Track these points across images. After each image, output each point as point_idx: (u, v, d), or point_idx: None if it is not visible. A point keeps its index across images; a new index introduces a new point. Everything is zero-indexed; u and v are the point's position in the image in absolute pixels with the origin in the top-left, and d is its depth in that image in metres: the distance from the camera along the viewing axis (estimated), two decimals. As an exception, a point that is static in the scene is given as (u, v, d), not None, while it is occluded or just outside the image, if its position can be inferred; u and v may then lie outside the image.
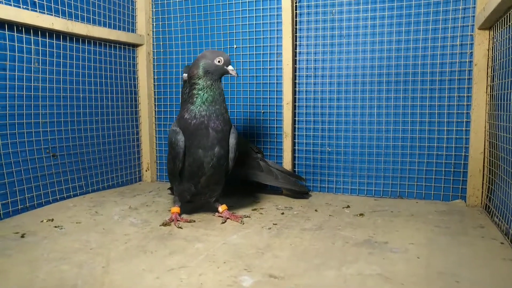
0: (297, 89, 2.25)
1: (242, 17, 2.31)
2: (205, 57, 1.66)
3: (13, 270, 1.24)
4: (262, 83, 2.31)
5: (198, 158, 1.64)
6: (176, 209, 1.76)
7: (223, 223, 1.72)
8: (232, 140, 1.71)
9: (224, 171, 1.75)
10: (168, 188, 2.30)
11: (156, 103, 2.57)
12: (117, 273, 1.23)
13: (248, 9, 2.29)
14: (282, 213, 1.84)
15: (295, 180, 2.12)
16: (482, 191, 1.90)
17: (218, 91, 1.66)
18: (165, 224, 1.68)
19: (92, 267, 1.26)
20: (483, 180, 1.89)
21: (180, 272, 1.23)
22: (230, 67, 1.68)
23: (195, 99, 1.64)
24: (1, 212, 1.72)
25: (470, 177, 1.93)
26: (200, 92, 1.64)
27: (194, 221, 1.73)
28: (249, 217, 1.79)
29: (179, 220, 1.71)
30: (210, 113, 1.63)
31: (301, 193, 2.11)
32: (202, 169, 1.66)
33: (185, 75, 2.15)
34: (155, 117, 2.58)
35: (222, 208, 1.80)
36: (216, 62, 1.65)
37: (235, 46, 2.34)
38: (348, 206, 1.95)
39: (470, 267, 1.25)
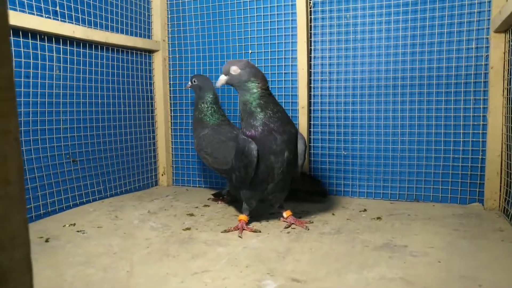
0: (312, 93, 2.26)
1: (257, 22, 2.33)
2: (251, 65, 1.66)
3: (41, 274, 1.27)
4: (277, 87, 2.33)
5: (268, 164, 1.60)
6: (244, 217, 1.72)
7: (286, 227, 1.71)
8: (300, 146, 1.68)
9: (291, 178, 1.72)
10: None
11: (172, 108, 2.61)
12: (141, 276, 1.25)
13: (263, 14, 2.31)
14: (300, 217, 1.85)
15: (312, 182, 2.14)
16: (500, 194, 1.89)
17: (255, 100, 1.59)
18: (227, 231, 1.65)
19: (117, 271, 1.29)
20: (500, 183, 1.89)
21: (203, 276, 1.25)
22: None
23: (250, 108, 1.60)
24: (25, 216, 1.75)
25: (487, 180, 1.92)
26: (242, 106, 1.62)
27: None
28: (267, 221, 1.81)
29: (245, 229, 1.67)
30: (265, 119, 1.59)
31: (319, 194, 2.13)
32: (271, 176, 1.63)
33: (189, 83, 2.18)
34: (171, 122, 2.61)
35: (286, 213, 1.77)
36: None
37: (250, 52, 2.37)
38: (365, 210, 1.96)
39: (491, 271, 1.25)
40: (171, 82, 2.58)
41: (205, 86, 2.13)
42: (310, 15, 2.21)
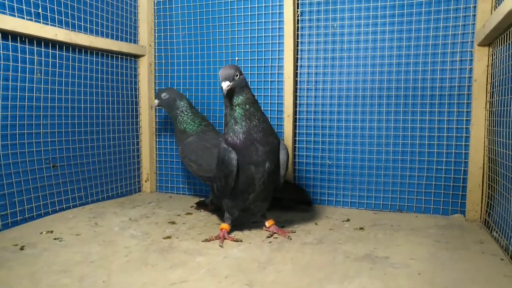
0: (298, 101, 2.26)
1: (244, 29, 2.33)
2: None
3: (15, 282, 1.24)
4: (263, 95, 2.32)
5: (249, 175, 1.59)
6: (225, 226, 1.70)
7: (268, 237, 1.70)
8: (282, 156, 1.66)
9: (273, 188, 1.72)
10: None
11: (157, 114, 2.58)
12: (118, 286, 1.22)
13: (250, 22, 2.31)
14: (283, 226, 1.84)
15: (298, 190, 2.12)
16: (481, 206, 1.90)
17: (248, 105, 1.58)
18: (208, 240, 1.63)
19: (94, 281, 1.25)
20: (482, 195, 1.90)
21: (182, 287, 1.22)
22: (222, 84, 1.56)
23: (229, 119, 1.60)
24: (0, 223, 1.71)
25: (469, 191, 1.94)
26: (229, 111, 1.60)
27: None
28: (250, 230, 1.79)
29: (226, 239, 1.65)
30: (249, 128, 1.57)
31: (304, 203, 2.11)
32: (253, 186, 1.62)
33: (156, 101, 2.15)
34: (156, 128, 2.58)
35: (269, 223, 1.76)
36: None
37: (236, 59, 2.36)
38: (348, 220, 1.95)
39: (472, 284, 1.25)
40: (157, 88, 2.55)
41: (176, 95, 2.12)
42: (297, 23, 2.22)
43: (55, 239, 1.62)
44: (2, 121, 1.73)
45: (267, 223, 1.77)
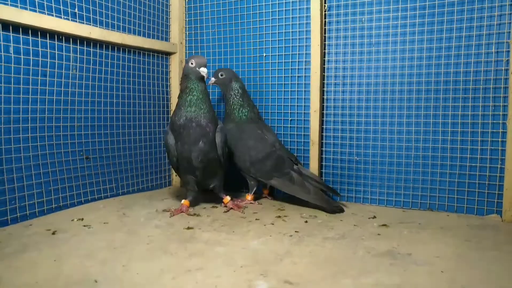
0: (325, 97, 2.23)
1: (272, 25, 2.33)
2: (186, 61, 1.92)
3: (42, 263, 1.31)
4: (290, 90, 2.31)
5: (186, 153, 1.87)
6: (186, 202, 1.97)
7: (226, 212, 1.95)
8: (218, 139, 1.90)
9: (218, 165, 1.95)
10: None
11: (187, 110, 2.63)
12: (136, 271, 1.26)
13: (278, 18, 2.31)
14: (306, 221, 1.82)
15: (328, 198, 2.04)
16: (519, 206, 1.80)
17: (199, 92, 1.87)
18: (167, 211, 1.92)
19: (114, 265, 1.31)
20: (520, 194, 1.80)
21: (196, 274, 1.25)
22: (202, 69, 1.86)
23: (180, 100, 1.89)
24: (37, 210, 1.81)
25: (506, 190, 1.84)
26: (182, 94, 1.89)
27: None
28: (272, 224, 1.79)
29: (183, 211, 1.91)
30: (192, 113, 1.85)
31: (332, 212, 1.97)
32: (191, 163, 1.88)
33: (213, 79, 2.21)
34: (186, 124, 2.64)
35: (225, 199, 2.02)
36: (189, 64, 1.87)
37: (264, 55, 2.37)
38: (375, 217, 1.90)
39: (497, 285, 1.18)
40: (187, 84, 2.61)
41: (233, 76, 2.19)
42: (325, 18, 2.19)
43: (84, 226, 1.70)
44: (40, 114, 1.84)
45: (224, 200, 2.02)
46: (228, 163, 2.08)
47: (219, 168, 1.98)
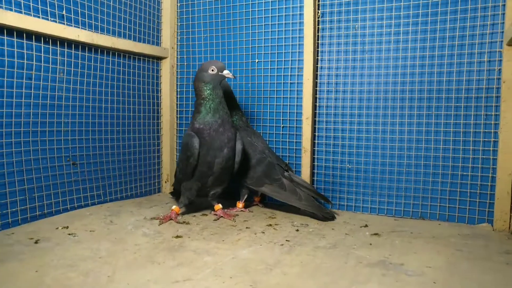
0: (317, 104, 2.22)
1: (264, 31, 2.32)
2: (202, 69, 1.86)
3: (23, 274, 1.26)
4: (283, 97, 2.29)
5: (210, 158, 1.83)
6: (176, 208, 1.93)
7: (216, 220, 1.92)
8: (238, 146, 1.91)
9: (231, 172, 1.94)
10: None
11: (178, 115, 2.60)
12: (121, 282, 1.22)
13: (271, 24, 2.30)
14: (297, 230, 1.79)
15: (319, 205, 2.00)
16: (511, 215, 1.79)
17: (218, 98, 1.85)
18: (156, 219, 1.89)
19: (98, 276, 1.26)
20: (511, 203, 1.78)
21: (184, 285, 1.21)
22: (225, 72, 1.86)
23: (201, 108, 1.85)
24: (19, 217, 1.76)
25: (497, 199, 1.83)
26: (202, 101, 1.85)
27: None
28: (263, 233, 1.76)
29: (172, 219, 1.88)
30: (219, 118, 1.83)
31: (324, 219, 1.95)
32: (212, 168, 1.85)
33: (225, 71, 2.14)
34: (177, 129, 2.60)
35: (216, 207, 1.98)
36: (210, 71, 1.84)
37: (257, 60, 2.35)
38: (366, 226, 1.88)
39: (491, 296, 1.16)
40: (178, 90, 2.58)
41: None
42: (318, 25, 2.18)
43: (69, 234, 1.65)
44: (25, 118, 1.78)
45: (215, 207, 1.98)
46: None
47: (230, 176, 1.96)
